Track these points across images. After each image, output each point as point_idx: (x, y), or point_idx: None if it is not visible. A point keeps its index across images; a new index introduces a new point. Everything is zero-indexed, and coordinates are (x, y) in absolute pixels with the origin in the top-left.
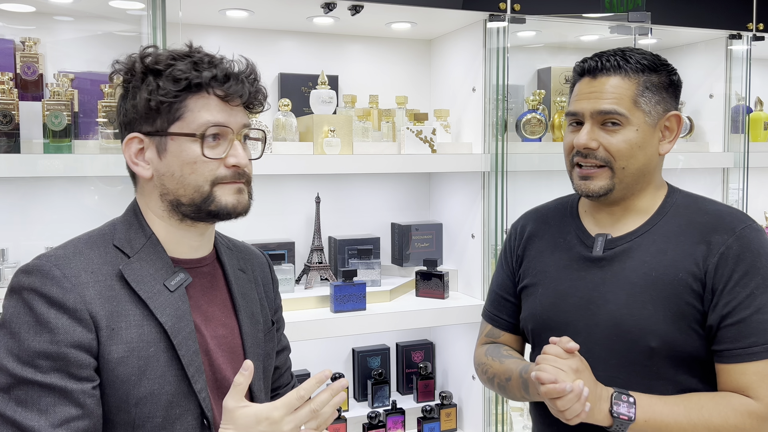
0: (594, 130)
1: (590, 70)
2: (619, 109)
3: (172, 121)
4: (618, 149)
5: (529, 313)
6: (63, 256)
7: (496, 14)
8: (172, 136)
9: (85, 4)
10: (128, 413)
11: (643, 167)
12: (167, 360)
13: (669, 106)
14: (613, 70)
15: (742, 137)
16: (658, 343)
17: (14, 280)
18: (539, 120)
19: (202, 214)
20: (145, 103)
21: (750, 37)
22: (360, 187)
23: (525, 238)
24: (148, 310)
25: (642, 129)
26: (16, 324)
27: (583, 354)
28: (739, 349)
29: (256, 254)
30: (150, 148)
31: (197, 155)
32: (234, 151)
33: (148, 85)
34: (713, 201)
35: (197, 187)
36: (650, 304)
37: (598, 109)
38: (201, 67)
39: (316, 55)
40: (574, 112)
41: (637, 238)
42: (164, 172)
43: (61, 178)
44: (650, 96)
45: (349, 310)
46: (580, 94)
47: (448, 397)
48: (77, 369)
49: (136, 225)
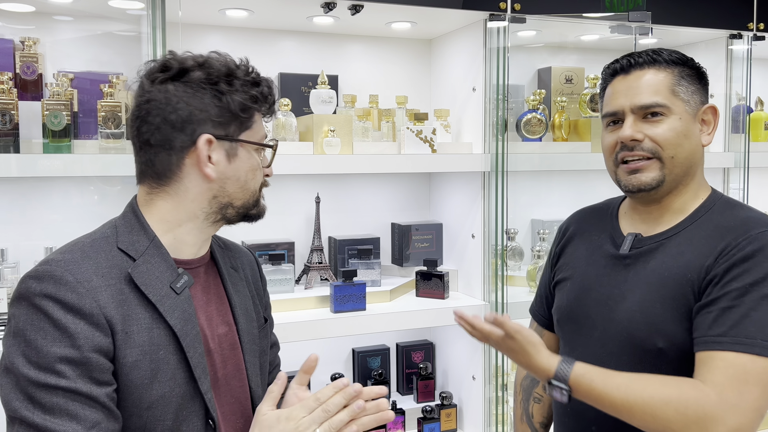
0: (637, 123)
1: (623, 68)
2: (659, 100)
3: (244, 129)
4: (665, 138)
5: (557, 306)
6: (72, 260)
7: (497, 14)
8: (242, 143)
9: (85, 4)
10: (140, 417)
11: (690, 157)
12: (176, 362)
13: (704, 98)
14: (647, 65)
15: (743, 137)
16: (665, 344)
17: (23, 287)
18: (539, 120)
19: (241, 217)
20: (228, 108)
21: (750, 36)
22: (360, 187)
23: (566, 237)
24: (158, 313)
25: (684, 118)
26: (31, 331)
27: (598, 348)
28: (708, 336)
29: (245, 252)
30: (217, 151)
31: (257, 164)
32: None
33: (238, 91)
34: (750, 208)
35: (254, 191)
36: (659, 304)
37: (638, 104)
38: (268, 87)
39: (316, 55)
40: (613, 112)
41: (666, 239)
42: (230, 176)
43: (60, 178)
44: (687, 85)
45: (349, 310)
46: (615, 93)
47: (448, 398)
48: (99, 373)
49: (137, 227)
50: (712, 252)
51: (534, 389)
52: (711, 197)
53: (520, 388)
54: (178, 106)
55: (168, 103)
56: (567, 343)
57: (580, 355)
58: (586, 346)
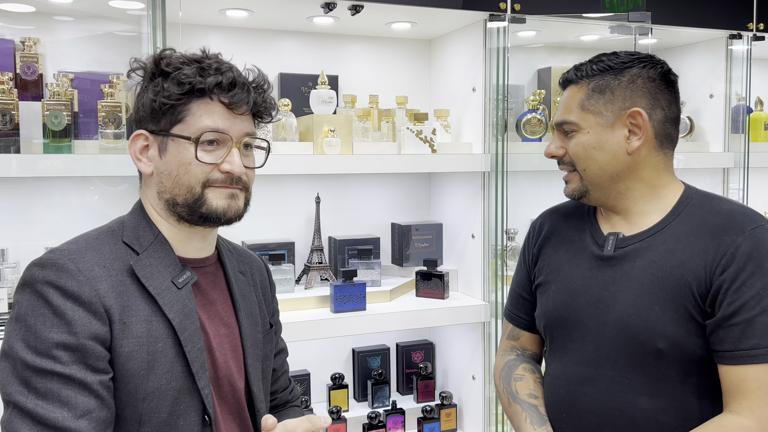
0: (561, 138)
1: (560, 83)
2: (567, 118)
3: (175, 122)
4: (574, 152)
5: (542, 310)
6: (76, 250)
7: (496, 14)
8: (173, 137)
9: (85, 4)
10: (135, 408)
11: (606, 167)
12: (174, 356)
13: (630, 103)
14: (567, 83)
15: (743, 137)
16: (666, 345)
17: (27, 274)
18: (539, 120)
19: (195, 217)
20: (150, 103)
21: (750, 37)
22: (360, 187)
23: (542, 236)
24: (157, 306)
25: (594, 130)
26: (32, 316)
27: (592, 352)
28: (740, 351)
29: (255, 258)
30: (153, 146)
31: (191, 157)
32: (230, 158)
33: (155, 86)
34: (729, 201)
35: (189, 187)
36: (657, 305)
37: (556, 121)
38: (207, 73)
39: (316, 55)
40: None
41: (649, 237)
42: (163, 171)
43: (61, 178)
44: (598, 97)
45: (349, 310)
46: None
47: (448, 398)
48: (95, 361)
49: (143, 223)
50: (706, 252)
51: (514, 372)
52: (686, 192)
53: (500, 379)
54: (136, 106)
55: (135, 104)
56: (557, 348)
57: (573, 359)
58: (579, 351)
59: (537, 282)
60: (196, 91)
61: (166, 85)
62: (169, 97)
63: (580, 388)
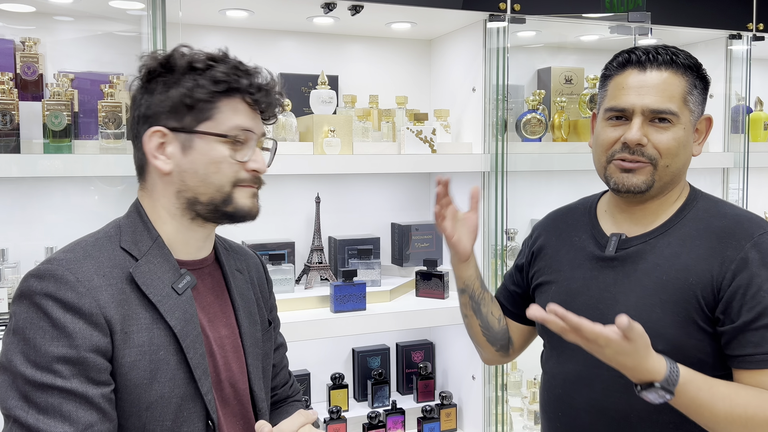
0: (644, 126)
1: (639, 62)
2: (673, 108)
3: (202, 120)
4: (668, 147)
5: None
6: (74, 259)
7: (496, 14)
8: (201, 135)
9: (85, 4)
10: (139, 418)
11: (682, 166)
12: (176, 363)
13: (703, 108)
14: (665, 66)
15: (742, 137)
16: (665, 347)
17: (24, 285)
18: (539, 120)
19: (217, 215)
20: (179, 99)
21: (750, 37)
22: (360, 187)
23: (543, 236)
24: (158, 313)
25: (687, 128)
26: (31, 330)
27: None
28: (761, 354)
29: (251, 255)
30: (173, 144)
31: (224, 156)
32: (256, 157)
33: (186, 82)
34: (733, 205)
35: (219, 186)
36: (659, 308)
37: (651, 107)
38: (240, 72)
39: (316, 55)
40: (621, 108)
41: (652, 239)
42: (186, 169)
43: (61, 178)
44: (697, 95)
45: (349, 310)
46: (627, 88)
47: (448, 397)
48: (96, 373)
49: (141, 227)
50: (712, 257)
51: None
52: (691, 194)
53: (480, 328)
54: (141, 101)
55: (135, 101)
56: (554, 348)
57: (570, 359)
58: (576, 350)
59: (537, 282)
60: (231, 89)
61: (200, 81)
62: (205, 94)
63: (576, 387)
